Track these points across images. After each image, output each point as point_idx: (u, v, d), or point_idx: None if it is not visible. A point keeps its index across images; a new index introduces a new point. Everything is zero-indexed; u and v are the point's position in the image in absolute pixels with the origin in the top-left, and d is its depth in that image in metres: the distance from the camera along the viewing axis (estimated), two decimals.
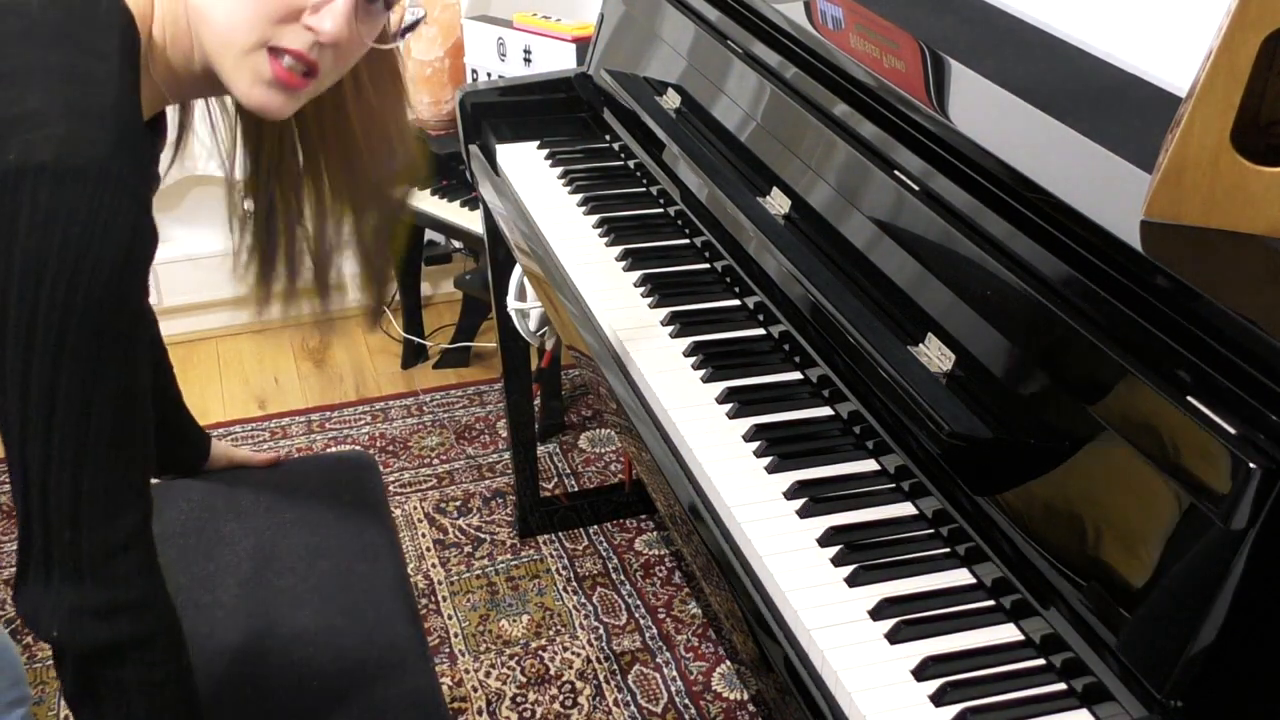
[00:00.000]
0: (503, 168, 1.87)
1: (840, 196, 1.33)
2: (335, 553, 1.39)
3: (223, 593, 1.32)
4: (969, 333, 1.10)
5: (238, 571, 1.35)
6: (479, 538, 2.32)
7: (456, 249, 2.93)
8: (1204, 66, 0.92)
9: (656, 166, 1.69)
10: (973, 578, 1.06)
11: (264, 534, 1.41)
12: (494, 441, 2.60)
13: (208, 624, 1.28)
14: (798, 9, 1.55)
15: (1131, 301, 0.95)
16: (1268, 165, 0.93)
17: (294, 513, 1.44)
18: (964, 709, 0.93)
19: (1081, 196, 1.04)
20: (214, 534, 1.40)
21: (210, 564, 1.36)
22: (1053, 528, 0.97)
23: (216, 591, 1.32)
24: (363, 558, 1.39)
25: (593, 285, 1.53)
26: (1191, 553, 0.85)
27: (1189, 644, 0.84)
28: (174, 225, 2.89)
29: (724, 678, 2.01)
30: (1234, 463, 0.82)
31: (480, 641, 2.08)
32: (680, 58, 1.73)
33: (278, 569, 1.36)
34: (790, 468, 1.19)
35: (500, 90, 1.99)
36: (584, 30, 2.25)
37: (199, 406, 2.73)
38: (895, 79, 1.32)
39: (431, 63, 2.54)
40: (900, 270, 1.21)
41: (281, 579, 1.34)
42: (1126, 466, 0.91)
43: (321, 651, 1.26)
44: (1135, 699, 0.87)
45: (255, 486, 1.48)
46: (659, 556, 2.28)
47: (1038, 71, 1.36)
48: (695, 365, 1.35)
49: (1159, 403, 0.89)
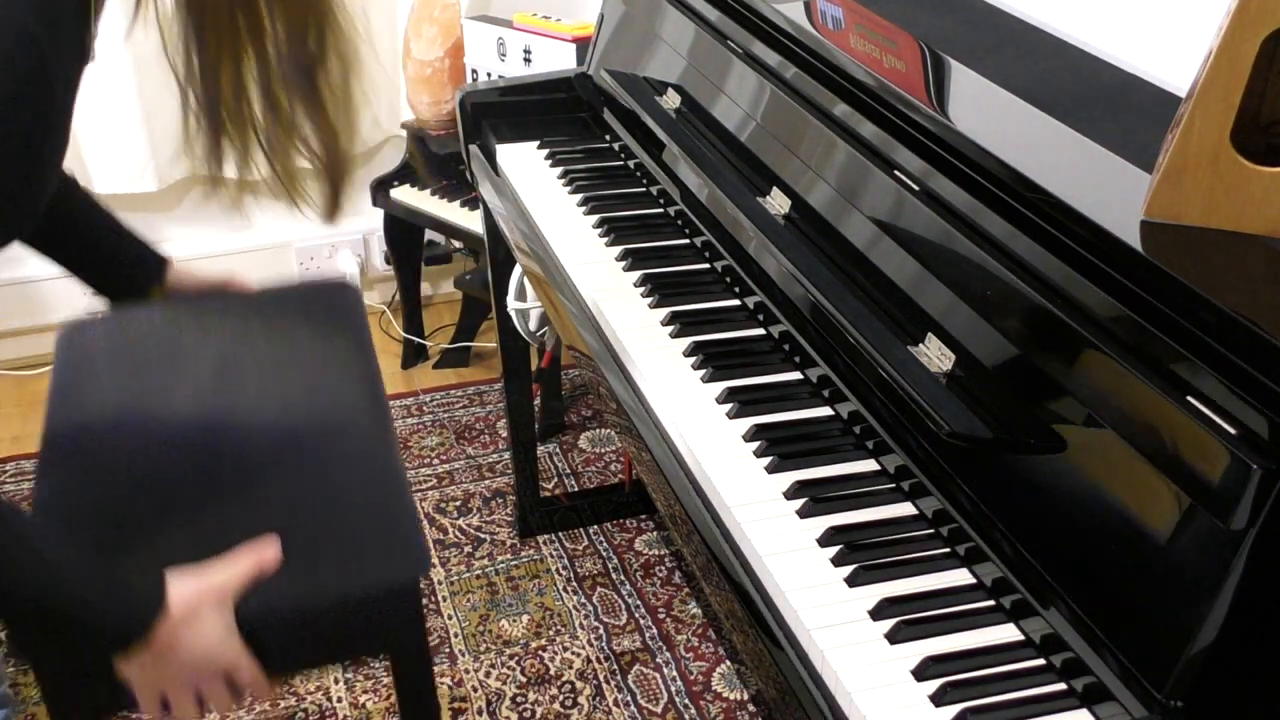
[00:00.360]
0: (503, 168, 1.87)
1: (840, 196, 1.33)
2: (304, 364, 1.32)
3: (178, 402, 1.26)
4: (969, 333, 1.10)
5: (196, 381, 1.29)
6: (479, 538, 2.32)
7: (456, 249, 2.93)
8: (1204, 66, 0.92)
9: (656, 166, 1.69)
10: (973, 578, 1.07)
11: (229, 346, 1.34)
12: (494, 441, 2.60)
13: (160, 428, 1.22)
14: (798, 9, 1.55)
15: (1131, 301, 0.95)
16: (1268, 165, 0.93)
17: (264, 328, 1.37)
18: (964, 709, 0.93)
19: (1081, 196, 1.04)
20: (173, 347, 1.34)
21: (168, 376, 1.30)
22: (1053, 528, 0.97)
23: (172, 401, 1.26)
24: (333, 364, 1.32)
25: (593, 285, 1.53)
26: (1191, 553, 0.85)
27: (1189, 644, 0.84)
28: (174, 225, 2.89)
29: (724, 678, 2.01)
30: (1234, 463, 0.82)
31: (480, 641, 2.08)
32: (680, 58, 1.73)
33: (240, 381, 1.29)
34: (790, 468, 1.19)
35: (500, 90, 1.99)
36: (584, 30, 2.25)
37: None
38: (895, 79, 1.32)
39: (431, 63, 2.54)
40: (900, 270, 1.21)
41: (244, 391, 1.28)
42: (1126, 466, 0.91)
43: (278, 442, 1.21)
44: (1135, 699, 0.87)
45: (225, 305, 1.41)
46: (659, 556, 2.28)
47: (1038, 72, 1.36)
48: (695, 365, 1.36)
49: (1159, 403, 0.89)
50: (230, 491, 1.16)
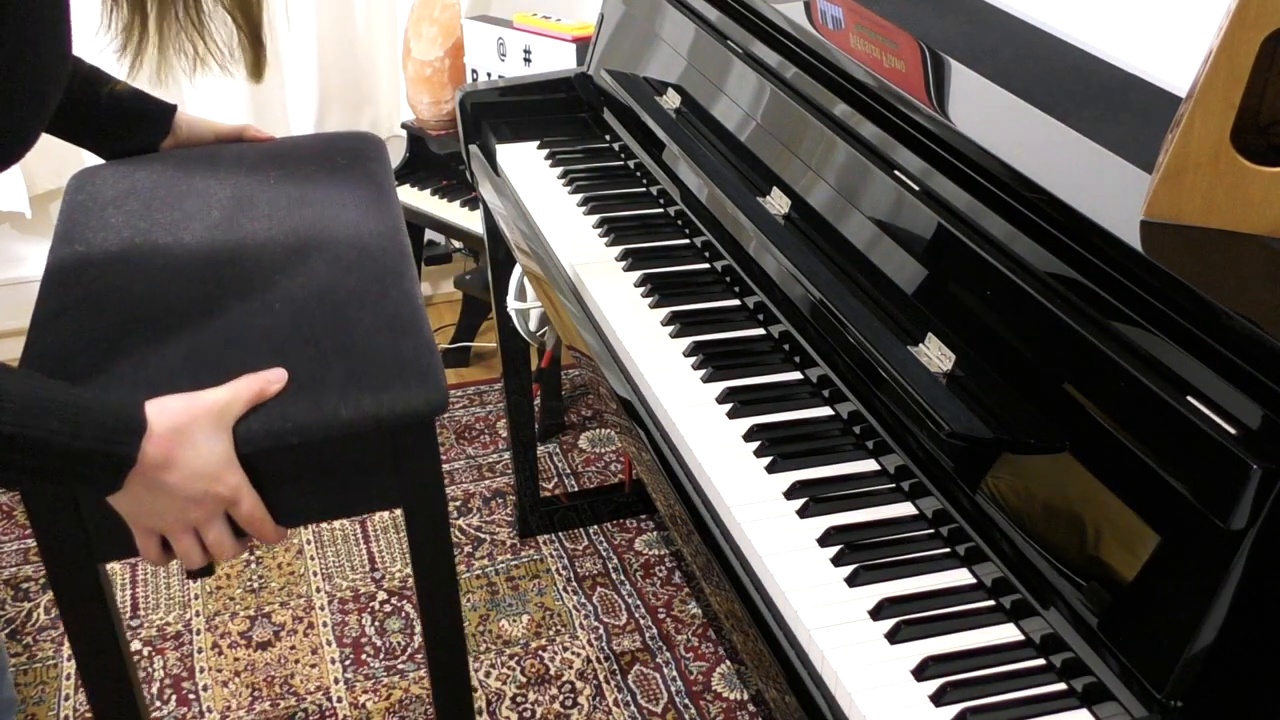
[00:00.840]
0: (503, 168, 1.87)
1: (840, 196, 1.33)
2: (320, 203, 1.26)
3: (185, 234, 1.20)
4: (969, 333, 1.10)
5: (206, 218, 1.22)
6: (479, 538, 2.32)
7: (456, 249, 2.93)
8: (1204, 66, 0.92)
9: (656, 166, 1.69)
10: (973, 578, 1.07)
11: (243, 186, 1.28)
12: (494, 441, 2.60)
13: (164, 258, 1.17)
14: (798, 9, 1.55)
15: (1131, 301, 0.95)
16: (1268, 165, 0.93)
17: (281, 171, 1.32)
18: (964, 709, 0.93)
19: (1081, 196, 1.04)
20: (185, 187, 1.28)
21: (176, 211, 1.24)
22: (1053, 528, 0.97)
23: (179, 234, 1.20)
24: (350, 208, 1.26)
25: (593, 285, 1.53)
26: (1192, 553, 0.85)
27: (1189, 644, 0.84)
28: None
29: (724, 678, 2.01)
30: (1234, 463, 0.82)
31: (480, 641, 2.08)
32: (680, 58, 1.73)
33: (253, 214, 1.23)
34: (790, 467, 1.19)
35: (500, 90, 1.99)
36: (584, 30, 2.25)
37: None
38: (895, 79, 1.32)
39: (431, 63, 2.54)
40: (900, 270, 1.21)
41: (256, 224, 1.21)
42: (1126, 466, 0.91)
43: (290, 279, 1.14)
44: (1135, 699, 0.87)
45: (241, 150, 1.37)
46: (659, 556, 2.28)
47: (1038, 71, 1.36)
48: (695, 365, 1.36)
49: (1159, 402, 0.89)
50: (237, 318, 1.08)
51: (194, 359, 1.04)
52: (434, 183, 2.66)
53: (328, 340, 1.07)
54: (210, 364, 1.03)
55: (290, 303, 1.11)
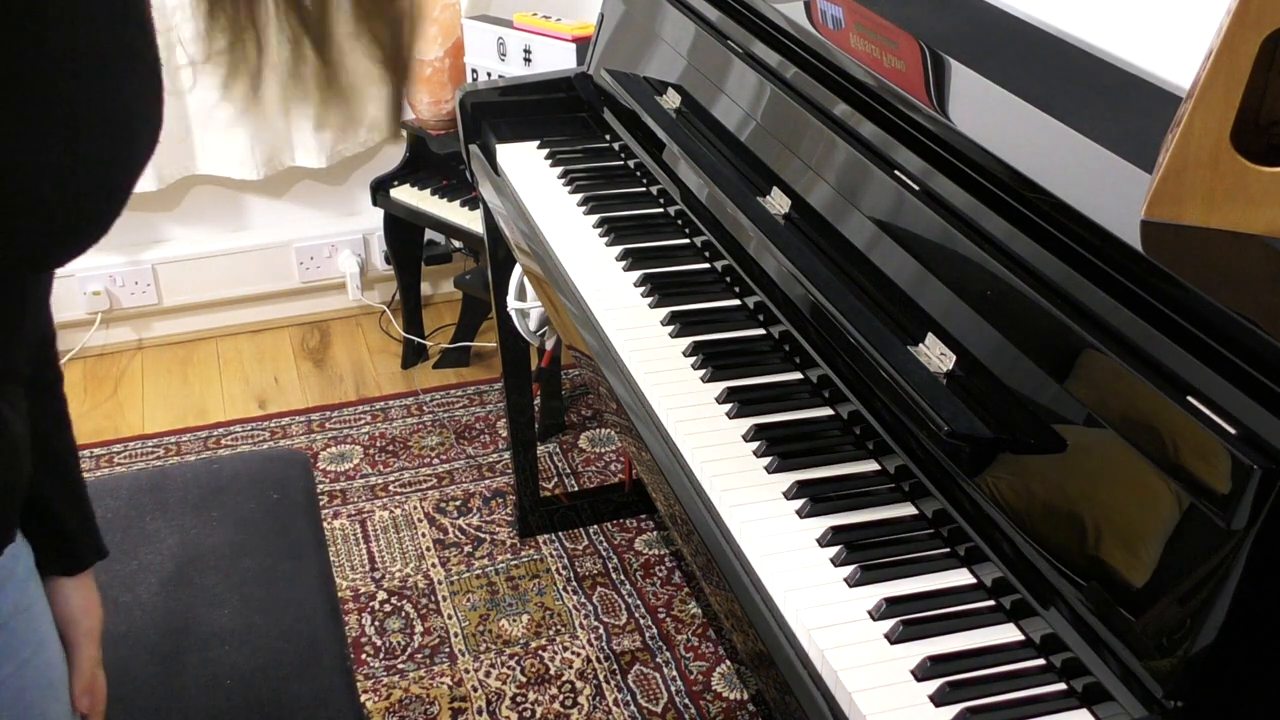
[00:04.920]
0: (503, 167, 1.87)
1: (840, 196, 1.33)
2: (259, 551, 1.39)
3: (143, 590, 1.32)
4: (969, 333, 1.10)
5: (160, 570, 1.35)
6: (479, 537, 2.32)
7: (456, 249, 2.93)
8: (1204, 66, 0.92)
9: (656, 166, 1.69)
10: (973, 578, 1.07)
11: (189, 532, 1.40)
12: (494, 441, 2.60)
13: (125, 623, 1.27)
14: (798, 9, 1.55)
15: (1131, 301, 0.95)
16: (1268, 165, 0.93)
17: (221, 510, 1.44)
18: (964, 709, 0.93)
19: (1081, 196, 1.04)
20: (139, 531, 1.40)
21: (133, 561, 1.35)
22: (1053, 528, 0.97)
23: (137, 589, 1.32)
24: (287, 556, 1.39)
25: (593, 285, 1.53)
26: (1191, 553, 0.85)
27: (1189, 644, 0.84)
28: (174, 225, 2.89)
29: (724, 678, 2.01)
30: (1234, 463, 0.82)
31: (480, 641, 2.08)
32: (680, 58, 1.73)
33: (200, 567, 1.35)
34: (790, 468, 1.19)
35: (500, 90, 1.99)
36: (584, 30, 2.25)
37: (199, 406, 2.74)
38: (895, 79, 1.32)
39: (431, 63, 2.54)
40: (900, 270, 1.21)
41: (204, 577, 1.34)
42: (1126, 466, 0.91)
43: (237, 650, 1.25)
44: (1135, 699, 0.87)
45: (184, 483, 1.48)
46: (659, 556, 2.28)
47: (1038, 71, 1.36)
48: (695, 365, 1.35)
49: (1159, 403, 0.89)
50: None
51: None
52: (434, 182, 2.66)
53: None
54: None
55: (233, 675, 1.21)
